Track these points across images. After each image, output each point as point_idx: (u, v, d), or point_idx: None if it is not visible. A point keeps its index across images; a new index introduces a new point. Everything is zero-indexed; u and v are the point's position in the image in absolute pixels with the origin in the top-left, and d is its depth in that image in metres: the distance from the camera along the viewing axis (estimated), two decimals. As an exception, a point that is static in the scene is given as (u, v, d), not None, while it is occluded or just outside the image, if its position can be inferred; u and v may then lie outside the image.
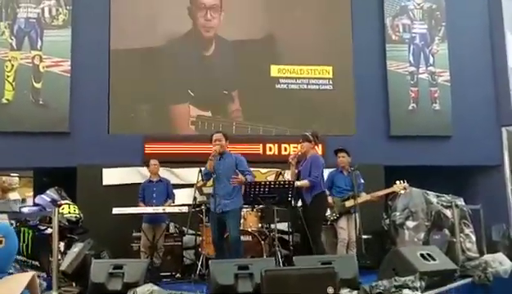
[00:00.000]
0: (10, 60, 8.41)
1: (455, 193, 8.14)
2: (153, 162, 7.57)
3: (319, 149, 9.10)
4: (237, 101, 9.20)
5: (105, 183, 8.33)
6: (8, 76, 8.38)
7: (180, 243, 7.44)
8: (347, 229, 6.85)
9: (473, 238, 7.48)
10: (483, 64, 10.03)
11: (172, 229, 7.74)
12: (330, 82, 9.46)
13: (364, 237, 7.57)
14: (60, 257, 5.54)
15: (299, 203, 6.37)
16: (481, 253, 7.44)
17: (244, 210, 6.98)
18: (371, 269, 6.14)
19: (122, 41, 8.94)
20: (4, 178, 11.32)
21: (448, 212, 7.24)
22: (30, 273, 3.99)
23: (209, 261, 4.71)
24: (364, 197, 6.97)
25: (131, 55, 8.94)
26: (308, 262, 4.81)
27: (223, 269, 4.58)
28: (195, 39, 9.24)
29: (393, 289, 4.56)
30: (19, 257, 5.99)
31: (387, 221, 7.64)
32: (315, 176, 6.26)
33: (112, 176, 8.34)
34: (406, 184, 6.93)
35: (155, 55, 9.04)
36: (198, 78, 9.04)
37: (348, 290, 4.53)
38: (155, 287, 4.60)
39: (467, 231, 7.51)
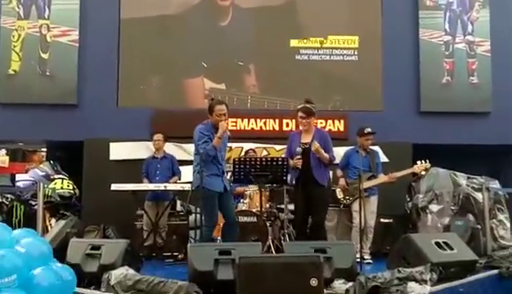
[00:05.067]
0: (17, 30, 8.13)
1: (491, 175, 7.38)
2: (156, 137, 7.15)
3: (341, 126, 8.53)
4: (253, 74, 8.64)
5: (112, 158, 7.98)
6: (15, 46, 8.10)
7: (186, 222, 7.01)
8: (361, 213, 6.22)
9: (508, 224, 6.71)
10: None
11: (178, 208, 7.34)
12: (356, 53, 8.73)
13: (384, 221, 7.03)
14: (47, 234, 5.23)
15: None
16: (520, 243, 6.71)
17: (251, 189, 6.47)
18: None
19: (133, 9, 8.49)
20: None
21: (479, 196, 6.49)
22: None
23: (188, 244, 4.24)
24: (381, 178, 6.32)
25: (142, 25, 8.49)
26: (300, 248, 4.26)
27: (203, 253, 4.09)
28: (210, 7, 8.70)
29: (396, 281, 3.95)
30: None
31: (409, 204, 6.96)
32: (333, 156, 5.61)
33: (119, 151, 7.98)
34: (427, 164, 6.21)
35: (168, 24, 8.59)
36: (212, 50, 8.52)
37: (343, 281, 3.96)
38: (131, 271, 4.17)
39: (501, 217, 6.74)
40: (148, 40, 8.47)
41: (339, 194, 6.49)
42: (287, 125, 8.39)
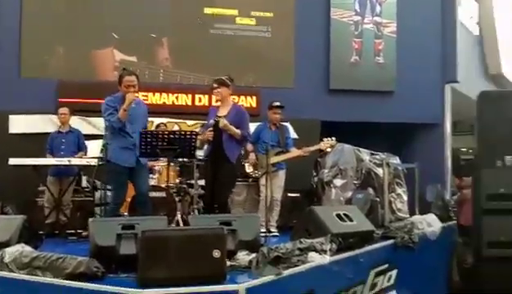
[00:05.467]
0: None
1: (394, 151, 7.76)
2: (61, 110, 6.82)
3: (253, 102, 8.61)
4: (166, 47, 8.47)
5: (11, 131, 7.53)
6: None
7: (92, 199, 6.78)
8: (269, 187, 6.35)
9: (405, 198, 7.14)
10: (432, 17, 9.55)
11: (84, 184, 7.09)
12: (269, 30, 8.81)
13: (291, 195, 7.22)
14: None
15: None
16: (413, 214, 7.15)
17: (161, 164, 6.39)
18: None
19: (37, -27, 7.99)
20: None
21: (380, 171, 6.83)
22: None
23: (89, 220, 4.11)
24: (294, 152, 6.47)
25: (47, -10, 8.03)
26: (206, 222, 4.28)
27: (105, 228, 3.98)
28: (121, -24, 8.39)
29: (297, 252, 4.07)
30: None
31: (315, 179, 7.19)
32: (248, 133, 5.58)
33: (20, 124, 7.56)
34: (333, 141, 6.42)
35: (75, -9, 8.18)
36: (124, 20, 8.24)
37: (246, 253, 4.03)
38: (27, 248, 3.98)
39: (399, 191, 7.15)
40: (54, 6, 8.01)
41: (249, 168, 6.58)
42: (199, 100, 8.35)
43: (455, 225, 8.22)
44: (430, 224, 6.58)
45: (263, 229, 5.92)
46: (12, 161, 5.94)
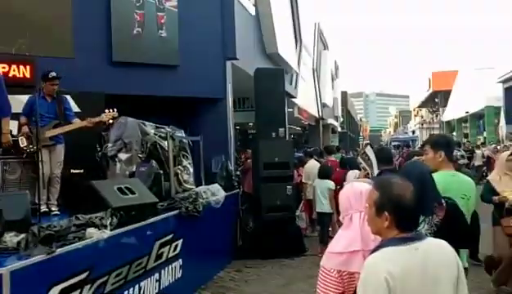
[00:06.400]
0: None
1: (179, 125, 7.86)
2: None
3: (27, 72, 7.80)
4: None
5: None
6: None
7: None
8: (48, 163, 5.86)
9: (191, 169, 7.29)
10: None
11: None
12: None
13: (75, 171, 6.80)
14: None
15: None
16: (199, 185, 7.35)
17: None
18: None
19: None
20: None
21: (165, 144, 6.84)
22: None
23: None
24: (77, 124, 6.05)
25: None
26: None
27: None
28: None
29: (74, 228, 3.83)
30: None
31: (100, 154, 6.88)
32: None
33: None
34: (115, 113, 6.19)
35: None
36: None
37: (14, 233, 3.64)
38: None
39: (185, 163, 7.28)
40: None
41: (22, 143, 5.95)
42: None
43: (238, 194, 8.75)
44: (214, 193, 6.85)
45: (44, 208, 5.51)
46: None
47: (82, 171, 6.91)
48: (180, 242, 5.47)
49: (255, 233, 8.49)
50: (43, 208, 5.48)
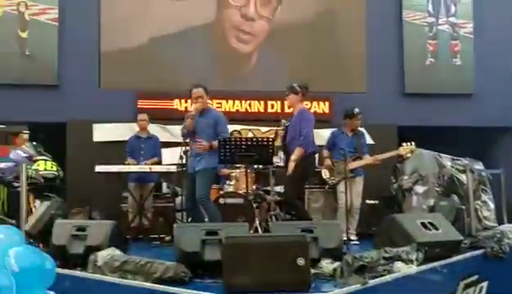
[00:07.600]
0: (-6, 7, 7.90)
1: (475, 156, 7.42)
2: (140, 116, 7.06)
3: (326, 108, 8.50)
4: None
5: (95, 139, 7.86)
6: (-9, 24, 7.89)
7: (172, 205, 6.93)
8: (348, 194, 6.23)
9: (492, 205, 6.75)
10: (510, 15, 9.06)
11: (164, 189, 7.27)
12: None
13: (370, 202, 7.06)
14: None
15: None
16: (500, 222, 6.78)
17: (237, 171, 6.43)
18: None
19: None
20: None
21: (463, 177, 6.52)
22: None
23: (174, 225, 4.19)
24: (366, 159, 6.32)
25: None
26: (287, 229, 4.25)
27: (190, 234, 4.04)
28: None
29: (383, 261, 3.96)
30: (-3, 216, 5.63)
31: (395, 186, 6.97)
32: (305, 133, 5.53)
33: (103, 132, 7.86)
34: (413, 146, 6.21)
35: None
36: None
37: (330, 261, 3.96)
38: (117, 252, 4.12)
39: (485, 198, 6.79)
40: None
41: (325, 175, 6.49)
42: (272, 106, 8.35)
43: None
44: (520, 233, 6.20)
45: (344, 237, 5.84)
46: (98, 168, 6.19)
47: (377, 202, 7.13)
48: (485, 284, 5.11)
49: None
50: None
